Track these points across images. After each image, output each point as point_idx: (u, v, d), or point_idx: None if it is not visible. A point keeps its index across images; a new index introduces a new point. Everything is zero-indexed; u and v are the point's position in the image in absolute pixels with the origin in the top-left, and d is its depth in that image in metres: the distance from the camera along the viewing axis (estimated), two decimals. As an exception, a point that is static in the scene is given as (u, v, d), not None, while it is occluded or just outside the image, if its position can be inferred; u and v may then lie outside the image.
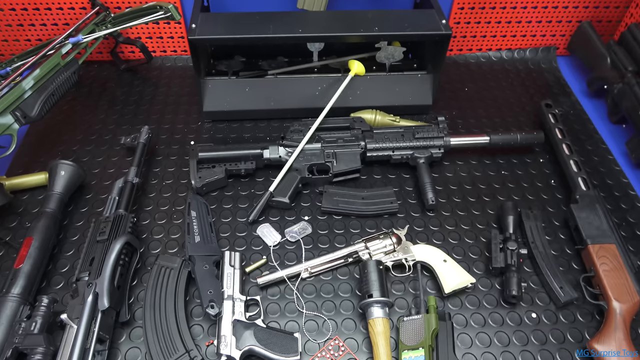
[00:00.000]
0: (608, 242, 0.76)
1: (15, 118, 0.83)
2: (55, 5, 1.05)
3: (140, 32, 1.13)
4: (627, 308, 0.69)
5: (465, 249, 0.81)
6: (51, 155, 0.94)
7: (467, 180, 0.93)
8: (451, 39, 1.08)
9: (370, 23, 0.92)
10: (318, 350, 0.68)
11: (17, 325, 0.63)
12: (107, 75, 1.14)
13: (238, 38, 0.89)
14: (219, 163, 0.89)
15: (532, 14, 1.15)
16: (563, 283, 0.73)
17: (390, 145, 0.91)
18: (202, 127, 1.02)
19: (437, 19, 0.94)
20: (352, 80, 0.98)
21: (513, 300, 0.73)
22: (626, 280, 0.71)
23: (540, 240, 0.79)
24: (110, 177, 0.90)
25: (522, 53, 1.22)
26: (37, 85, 0.86)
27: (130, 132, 0.97)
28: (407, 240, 0.79)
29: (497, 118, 1.06)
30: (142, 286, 0.74)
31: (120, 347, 0.68)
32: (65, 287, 0.74)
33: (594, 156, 0.97)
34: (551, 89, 1.14)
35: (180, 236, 0.81)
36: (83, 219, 0.84)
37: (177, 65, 1.17)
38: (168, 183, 0.90)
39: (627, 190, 0.91)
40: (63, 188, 0.82)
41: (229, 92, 1.01)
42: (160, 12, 0.93)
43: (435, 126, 0.93)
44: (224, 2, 1.08)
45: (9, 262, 0.77)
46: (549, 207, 0.88)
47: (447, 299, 0.74)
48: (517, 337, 0.70)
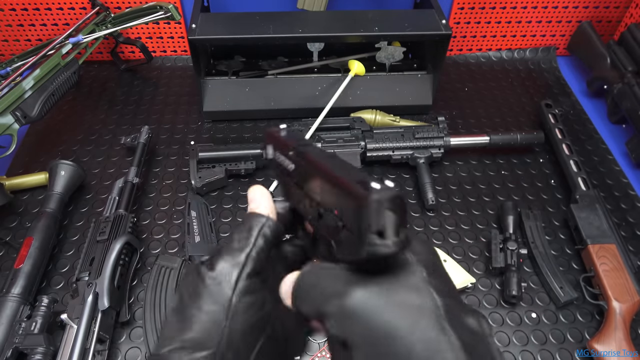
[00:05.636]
0: (608, 242, 0.76)
1: (16, 118, 0.83)
2: (55, 5, 1.05)
3: (140, 32, 1.13)
4: (627, 308, 0.69)
5: (465, 249, 0.81)
6: (51, 155, 0.94)
7: (467, 180, 0.93)
8: (451, 39, 1.08)
9: (370, 23, 0.92)
10: (318, 350, 0.68)
11: (17, 325, 0.63)
12: (107, 75, 1.14)
13: (238, 38, 0.89)
14: (219, 163, 0.89)
15: (532, 14, 1.15)
16: (563, 283, 0.73)
17: (390, 145, 0.91)
18: (202, 127, 1.02)
19: (437, 19, 0.94)
20: (352, 80, 0.98)
21: (513, 300, 0.73)
22: (626, 280, 0.71)
23: (540, 240, 0.79)
24: (110, 177, 0.90)
25: (522, 53, 1.22)
26: (37, 85, 0.86)
27: (130, 132, 0.97)
28: (407, 240, 0.79)
29: (497, 118, 1.06)
30: (142, 286, 0.74)
31: (120, 347, 0.68)
32: (65, 287, 0.74)
33: (594, 156, 0.97)
34: (551, 89, 1.14)
35: (180, 236, 0.81)
36: (83, 219, 0.84)
37: (177, 65, 1.17)
38: (168, 183, 0.90)
39: (627, 190, 0.91)
40: (63, 188, 0.82)
41: (229, 92, 1.01)
42: (160, 12, 0.93)
43: (435, 126, 0.93)
44: (224, 2, 1.08)
45: (9, 262, 0.77)
46: (549, 207, 0.88)
47: (447, 299, 0.74)
48: (517, 337, 0.70)
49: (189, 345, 0.29)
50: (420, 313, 0.26)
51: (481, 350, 0.26)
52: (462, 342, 0.25)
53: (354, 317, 0.26)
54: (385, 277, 0.27)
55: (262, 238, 0.32)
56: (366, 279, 0.27)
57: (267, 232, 0.32)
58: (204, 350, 0.29)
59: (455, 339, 0.25)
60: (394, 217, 0.25)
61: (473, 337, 0.26)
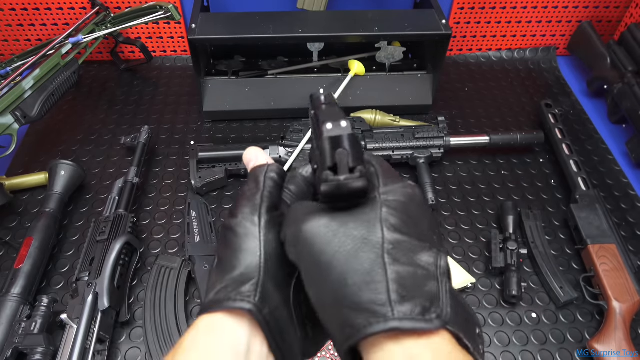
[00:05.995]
0: (608, 242, 0.76)
1: (15, 118, 0.83)
2: (55, 5, 1.05)
3: (140, 32, 1.13)
4: (627, 308, 0.69)
5: (465, 249, 0.81)
6: (51, 155, 0.94)
7: (467, 180, 0.93)
8: (451, 39, 1.08)
9: (370, 23, 0.92)
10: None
11: (17, 325, 0.63)
12: (107, 75, 1.14)
13: (238, 38, 0.89)
14: (219, 163, 0.89)
15: (532, 14, 1.15)
16: (563, 283, 0.73)
17: (390, 145, 0.91)
18: (202, 127, 1.02)
19: (437, 19, 0.94)
20: (352, 80, 0.98)
21: (513, 300, 0.73)
22: (626, 280, 0.71)
23: (540, 240, 0.79)
24: (110, 177, 0.90)
25: (522, 53, 1.22)
26: (37, 85, 0.86)
27: (130, 132, 0.97)
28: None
29: (497, 118, 1.06)
30: (142, 286, 0.74)
31: (120, 347, 0.68)
32: (65, 287, 0.74)
33: (594, 156, 0.97)
34: (551, 89, 1.14)
35: (180, 236, 0.81)
36: (83, 219, 0.84)
37: (177, 65, 1.17)
38: (168, 183, 0.90)
39: (627, 190, 0.91)
40: (63, 188, 0.82)
41: (229, 92, 1.01)
42: (160, 12, 0.93)
43: (435, 126, 0.93)
44: (224, 2, 1.08)
45: (9, 262, 0.77)
46: (549, 207, 0.88)
47: (447, 299, 0.74)
48: (517, 337, 0.70)
49: (233, 282, 0.31)
50: (362, 246, 0.27)
51: (426, 286, 0.26)
52: (399, 276, 0.26)
53: (302, 243, 0.29)
54: (343, 212, 0.29)
55: (270, 180, 0.35)
56: (324, 212, 0.29)
57: (272, 175, 0.35)
58: (247, 282, 0.31)
59: (392, 273, 0.26)
60: (346, 154, 0.27)
61: (418, 273, 0.27)
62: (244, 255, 0.31)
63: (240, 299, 0.30)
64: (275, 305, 0.31)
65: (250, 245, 0.32)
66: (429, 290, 0.26)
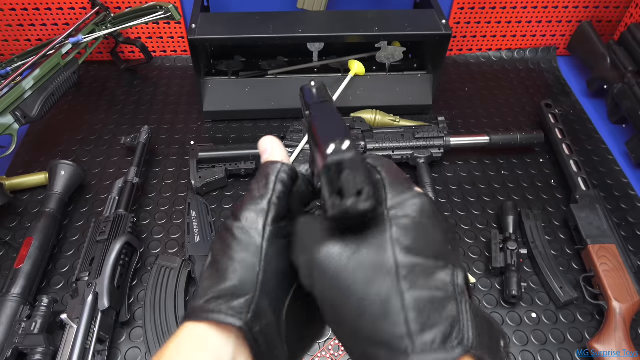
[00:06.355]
0: (608, 242, 0.76)
1: (15, 118, 0.83)
2: (55, 5, 1.05)
3: (140, 32, 1.13)
4: (627, 308, 0.69)
5: (465, 249, 0.81)
6: (51, 155, 0.94)
7: (467, 180, 0.93)
8: (451, 39, 1.08)
9: (370, 23, 0.92)
10: (318, 350, 0.68)
11: (17, 325, 0.63)
12: (107, 75, 1.14)
13: (238, 38, 0.89)
14: (219, 163, 0.89)
15: (532, 14, 1.15)
16: (563, 283, 0.73)
17: (390, 145, 0.91)
18: (202, 127, 1.02)
19: (437, 19, 0.94)
20: (352, 80, 0.98)
21: (513, 300, 0.73)
22: (626, 280, 0.71)
23: (540, 240, 0.79)
24: (110, 177, 0.90)
25: (522, 53, 1.22)
26: (37, 85, 0.86)
27: (130, 132, 0.97)
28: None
29: (497, 118, 1.06)
30: (142, 286, 0.74)
31: (120, 347, 0.68)
32: (65, 287, 0.74)
33: (594, 156, 0.97)
34: (551, 89, 1.14)
35: (180, 236, 0.81)
36: (83, 219, 0.84)
37: (177, 65, 1.17)
38: (168, 183, 0.90)
39: (627, 190, 0.91)
40: (63, 188, 0.82)
41: (229, 92, 1.01)
42: (160, 12, 0.93)
43: (435, 126, 0.93)
44: (224, 2, 1.08)
45: (9, 262, 0.77)
46: (549, 207, 0.88)
47: (447, 299, 0.74)
48: (517, 337, 0.70)
49: (225, 294, 0.29)
50: (376, 273, 0.26)
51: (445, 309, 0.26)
52: (417, 303, 0.25)
53: (318, 271, 0.28)
54: (353, 235, 0.28)
55: (280, 183, 0.33)
56: (335, 236, 0.28)
57: (284, 177, 0.33)
58: (241, 297, 0.29)
59: (409, 300, 0.25)
60: (352, 177, 0.26)
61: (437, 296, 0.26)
62: (241, 266, 0.30)
63: (232, 314, 0.29)
64: (267, 322, 0.30)
65: (249, 258, 0.30)
66: (449, 314, 0.26)
